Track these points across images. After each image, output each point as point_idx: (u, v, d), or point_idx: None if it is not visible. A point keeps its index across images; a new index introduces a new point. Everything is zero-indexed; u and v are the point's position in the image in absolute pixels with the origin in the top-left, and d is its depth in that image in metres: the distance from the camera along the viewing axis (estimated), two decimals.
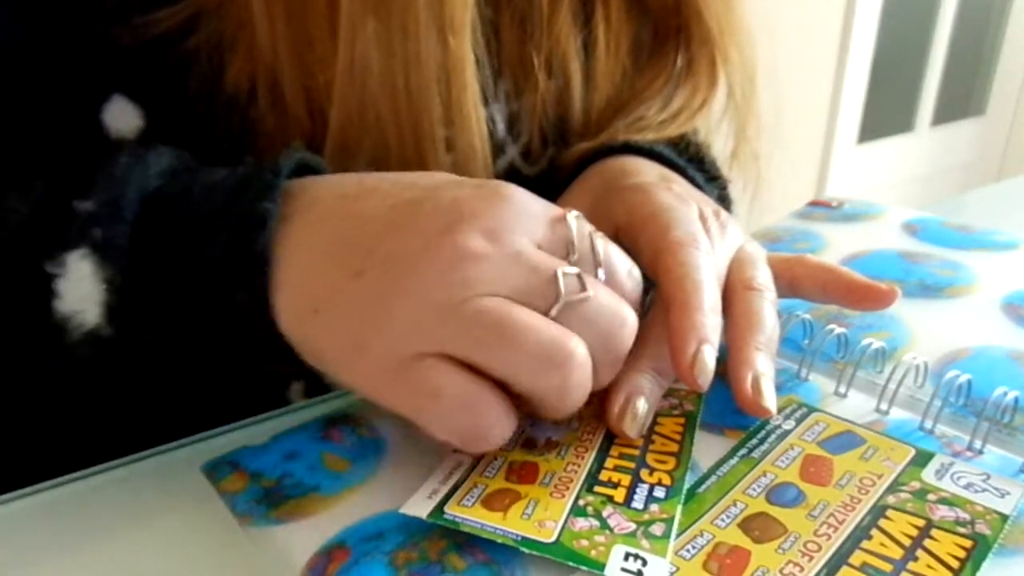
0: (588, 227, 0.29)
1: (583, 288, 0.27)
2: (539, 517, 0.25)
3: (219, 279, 0.28)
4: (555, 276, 0.26)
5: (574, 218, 0.29)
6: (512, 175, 0.44)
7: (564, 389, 0.26)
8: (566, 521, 0.25)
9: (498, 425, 0.26)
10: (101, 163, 0.30)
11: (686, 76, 0.46)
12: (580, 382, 0.26)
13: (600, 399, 0.32)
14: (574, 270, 0.27)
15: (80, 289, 0.28)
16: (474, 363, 0.26)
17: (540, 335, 0.25)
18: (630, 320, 0.28)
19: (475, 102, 0.37)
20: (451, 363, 0.26)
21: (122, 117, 0.34)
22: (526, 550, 0.24)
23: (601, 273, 0.29)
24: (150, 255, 0.29)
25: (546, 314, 0.26)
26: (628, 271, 0.30)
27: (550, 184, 0.42)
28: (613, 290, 0.28)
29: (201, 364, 0.31)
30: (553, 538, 0.25)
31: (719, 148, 0.48)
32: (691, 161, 0.44)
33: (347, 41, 0.33)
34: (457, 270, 0.26)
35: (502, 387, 0.26)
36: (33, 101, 0.34)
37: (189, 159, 0.32)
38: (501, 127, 0.43)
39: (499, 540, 0.24)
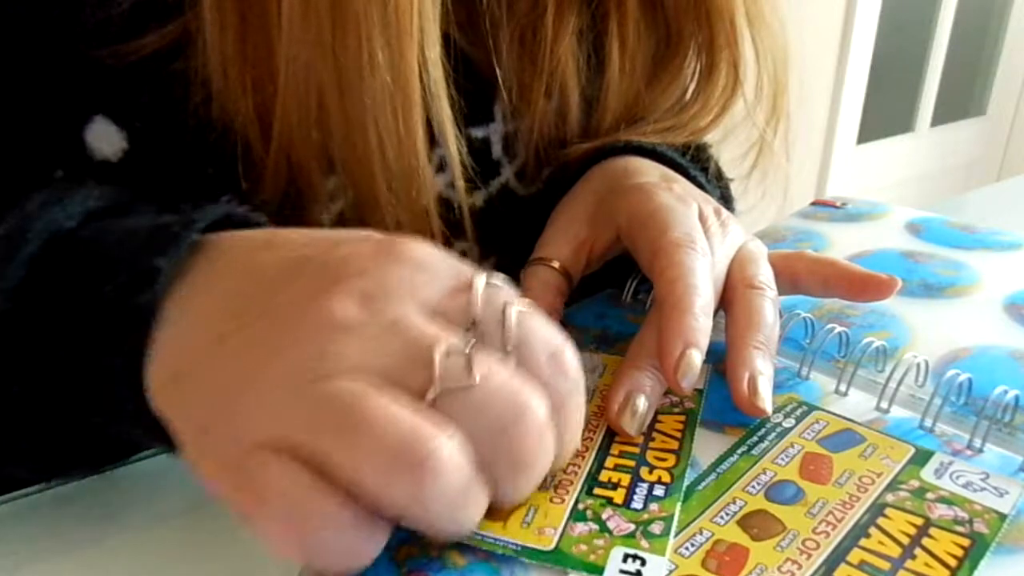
0: (505, 296, 0.24)
1: (469, 371, 0.22)
2: (539, 524, 0.25)
3: (100, 334, 0.25)
4: (433, 355, 0.22)
5: (484, 284, 0.24)
6: (506, 195, 0.43)
7: (419, 499, 0.21)
8: (565, 527, 0.25)
9: (337, 546, 0.21)
10: (22, 197, 0.27)
11: (704, 83, 0.44)
12: (444, 491, 0.21)
13: (601, 396, 0.32)
14: (461, 348, 0.22)
15: None
16: (316, 459, 0.21)
17: (392, 428, 0.20)
18: (532, 413, 0.22)
19: (417, 124, 0.33)
20: (290, 460, 0.21)
21: (105, 139, 0.32)
22: (526, 559, 0.24)
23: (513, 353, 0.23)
24: (40, 297, 0.26)
25: (426, 401, 0.22)
26: (552, 353, 0.24)
27: (545, 203, 0.41)
28: (528, 374, 0.23)
29: (72, 421, 0.27)
30: (552, 545, 0.25)
31: (734, 146, 0.47)
32: (693, 161, 0.44)
33: (289, 59, 0.31)
34: (317, 342, 0.22)
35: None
36: (14, 119, 0.32)
37: (127, 200, 0.30)
38: (497, 147, 0.42)
39: (499, 551, 0.24)
